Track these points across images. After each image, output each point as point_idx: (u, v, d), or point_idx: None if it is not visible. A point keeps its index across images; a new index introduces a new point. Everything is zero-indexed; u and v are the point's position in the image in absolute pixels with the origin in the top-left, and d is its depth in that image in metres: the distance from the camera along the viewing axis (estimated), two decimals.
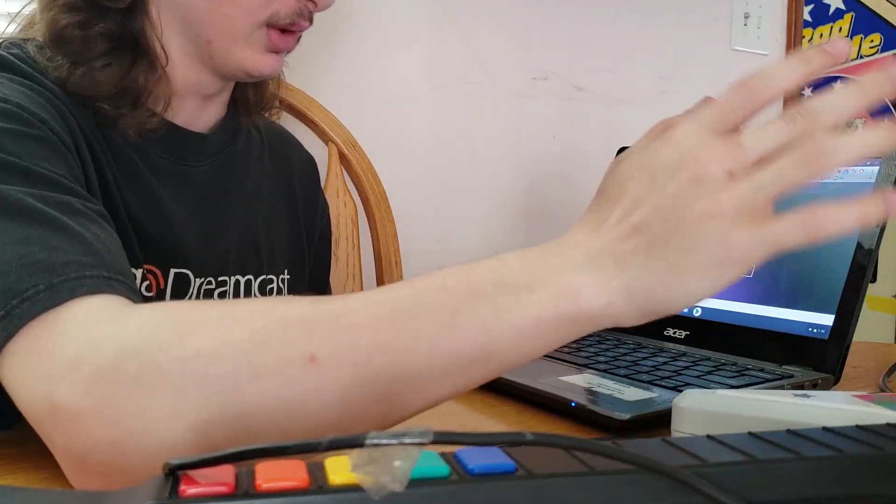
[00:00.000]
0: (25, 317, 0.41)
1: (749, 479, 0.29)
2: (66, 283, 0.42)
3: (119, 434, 0.38)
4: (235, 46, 0.64)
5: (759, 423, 0.37)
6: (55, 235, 0.45)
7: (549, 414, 0.56)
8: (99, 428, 0.38)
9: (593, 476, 0.28)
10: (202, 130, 0.71)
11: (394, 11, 1.25)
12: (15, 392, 0.41)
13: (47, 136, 0.53)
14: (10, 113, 0.52)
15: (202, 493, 0.26)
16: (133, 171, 0.64)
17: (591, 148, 1.43)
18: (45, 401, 0.39)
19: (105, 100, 0.61)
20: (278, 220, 0.79)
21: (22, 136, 0.51)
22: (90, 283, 0.42)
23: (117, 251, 0.49)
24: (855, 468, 0.31)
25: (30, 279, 0.42)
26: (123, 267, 0.47)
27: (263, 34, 0.64)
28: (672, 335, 0.75)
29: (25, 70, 0.59)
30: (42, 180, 0.49)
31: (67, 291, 0.41)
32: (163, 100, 0.66)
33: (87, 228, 0.47)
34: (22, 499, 0.28)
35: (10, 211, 0.46)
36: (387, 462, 0.25)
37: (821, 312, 0.66)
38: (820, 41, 1.74)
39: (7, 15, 0.70)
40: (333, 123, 1.07)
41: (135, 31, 0.63)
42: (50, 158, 0.51)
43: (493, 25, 1.36)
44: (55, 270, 0.42)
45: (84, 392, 0.38)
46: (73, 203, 0.49)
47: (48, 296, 0.41)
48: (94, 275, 0.43)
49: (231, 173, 0.74)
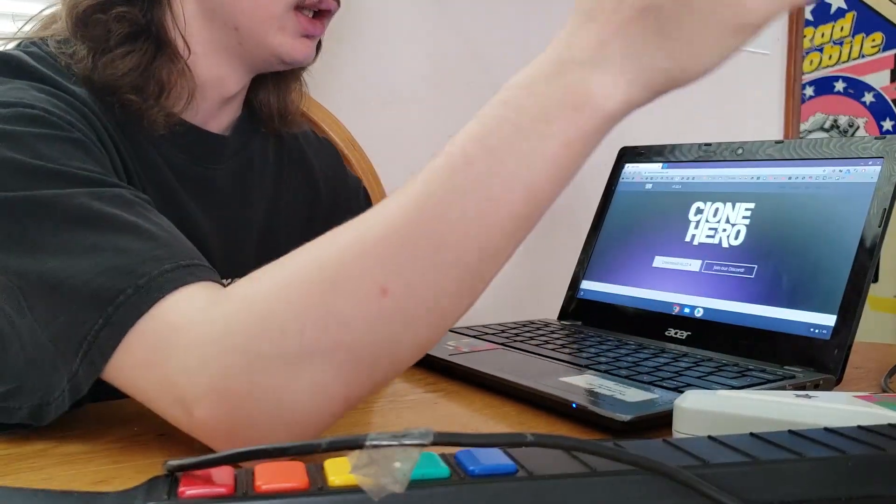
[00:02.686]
0: (127, 324, 0.42)
1: (750, 480, 0.29)
2: (151, 282, 0.42)
3: (269, 417, 0.40)
4: (267, 31, 0.64)
5: (761, 424, 0.37)
6: (121, 236, 0.45)
7: (549, 415, 0.56)
8: (241, 420, 0.40)
9: (594, 477, 0.28)
10: (219, 131, 0.70)
11: (394, 11, 1.25)
12: (145, 402, 0.43)
13: (78, 137, 0.53)
14: (38, 118, 0.52)
15: (201, 495, 0.26)
16: (156, 172, 0.64)
17: None
18: (183, 413, 0.41)
19: (132, 91, 0.60)
20: (299, 220, 0.78)
21: (55, 140, 0.51)
22: (173, 277, 0.43)
23: (178, 234, 0.49)
24: (857, 469, 0.31)
25: (114, 285, 0.43)
26: (191, 249, 0.48)
27: (294, 18, 0.64)
28: (673, 336, 0.75)
29: (45, 74, 0.58)
30: (87, 181, 0.49)
31: (156, 290, 0.42)
32: (186, 94, 0.65)
33: (146, 219, 0.48)
34: (22, 499, 0.28)
35: (70, 218, 0.46)
36: (387, 463, 0.25)
37: (822, 313, 0.66)
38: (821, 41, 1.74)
39: (12, 15, 0.70)
40: (333, 123, 1.07)
41: (155, 22, 0.62)
42: (85, 159, 0.51)
43: (493, 25, 1.36)
44: (135, 271, 0.43)
45: (218, 399, 0.40)
46: (124, 195, 0.49)
47: (139, 298, 0.42)
48: (172, 267, 0.44)
49: (249, 175, 0.73)
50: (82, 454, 0.46)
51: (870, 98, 1.68)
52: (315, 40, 0.67)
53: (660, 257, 0.80)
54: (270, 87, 0.74)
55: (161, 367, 0.42)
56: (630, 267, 0.83)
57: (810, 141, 0.74)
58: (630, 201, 0.87)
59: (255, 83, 0.73)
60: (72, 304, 0.43)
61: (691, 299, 0.75)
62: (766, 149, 0.77)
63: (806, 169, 0.72)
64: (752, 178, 0.76)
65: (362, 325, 0.39)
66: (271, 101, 0.74)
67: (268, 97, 0.74)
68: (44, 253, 0.45)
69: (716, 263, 0.75)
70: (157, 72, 0.62)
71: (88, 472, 0.43)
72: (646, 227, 0.84)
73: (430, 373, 0.68)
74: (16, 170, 0.48)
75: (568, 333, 0.79)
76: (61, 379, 0.45)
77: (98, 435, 0.49)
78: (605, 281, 0.85)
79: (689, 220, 0.80)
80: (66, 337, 0.43)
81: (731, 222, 0.76)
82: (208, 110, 0.68)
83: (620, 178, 0.89)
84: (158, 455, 0.45)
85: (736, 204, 0.76)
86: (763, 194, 0.75)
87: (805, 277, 0.68)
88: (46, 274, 0.44)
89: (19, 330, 0.47)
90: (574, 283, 0.88)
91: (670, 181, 0.84)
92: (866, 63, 1.69)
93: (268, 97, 0.74)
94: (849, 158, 0.70)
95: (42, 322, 0.45)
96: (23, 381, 0.47)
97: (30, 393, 0.47)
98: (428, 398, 0.61)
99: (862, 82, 1.69)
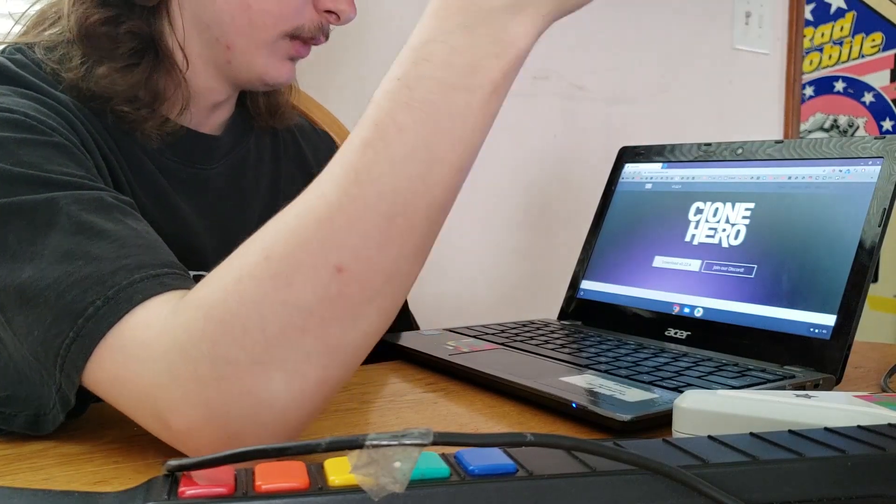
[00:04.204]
0: (96, 337, 0.42)
1: (750, 480, 0.29)
2: (120, 293, 0.42)
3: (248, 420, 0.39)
4: (257, 54, 0.64)
5: (761, 424, 0.37)
6: (94, 243, 0.45)
7: (549, 415, 0.56)
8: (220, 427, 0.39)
9: (594, 477, 0.28)
10: (211, 132, 0.71)
11: (394, 11, 1.25)
12: (127, 415, 0.43)
13: (59, 141, 0.52)
14: (18, 122, 0.51)
15: (201, 494, 0.26)
16: (146, 176, 0.64)
17: (592, 147, 1.43)
18: (162, 426, 0.41)
19: (124, 102, 0.60)
20: None
21: (35, 144, 0.51)
22: (142, 287, 0.43)
23: (154, 240, 0.49)
24: (857, 468, 0.31)
25: (84, 296, 0.42)
26: (164, 256, 0.47)
27: (286, 43, 0.65)
28: (673, 336, 0.75)
29: (29, 81, 0.58)
30: (67, 185, 0.49)
31: (125, 302, 0.42)
32: (179, 104, 0.65)
33: (123, 224, 0.48)
34: (22, 499, 0.28)
35: (46, 225, 0.46)
36: (387, 463, 0.25)
37: (822, 312, 0.66)
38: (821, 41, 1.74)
39: (7, 15, 0.69)
40: (334, 123, 1.07)
41: (156, 33, 0.63)
42: (66, 163, 0.51)
43: None
44: (105, 282, 0.43)
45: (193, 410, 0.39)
46: (104, 198, 0.49)
47: (108, 311, 0.42)
48: (142, 277, 0.43)
49: (245, 173, 0.73)
50: (82, 454, 0.46)
51: (869, 98, 1.68)
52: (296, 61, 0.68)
53: (660, 257, 0.80)
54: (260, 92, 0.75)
55: (133, 381, 0.41)
56: (630, 267, 0.83)
57: (810, 141, 0.74)
58: (630, 201, 0.87)
59: None
60: (46, 317, 0.43)
61: (691, 299, 0.75)
62: (766, 149, 0.77)
63: (806, 169, 0.72)
64: (751, 178, 0.76)
65: (323, 306, 0.38)
66: (260, 99, 0.75)
67: (256, 96, 0.75)
68: (19, 262, 0.45)
69: (716, 263, 0.75)
70: (155, 83, 0.62)
71: (88, 472, 0.43)
72: (646, 226, 0.84)
73: (430, 373, 0.68)
74: None
75: (568, 333, 0.79)
76: (51, 391, 0.45)
77: (98, 435, 0.49)
78: (605, 281, 0.85)
79: (688, 220, 0.80)
80: (44, 350, 0.43)
81: (730, 222, 0.76)
82: (200, 114, 0.69)
83: (620, 178, 0.89)
84: (158, 455, 0.45)
85: (736, 204, 0.76)
86: (763, 194, 0.75)
87: (805, 277, 0.68)
88: (22, 285, 0.44)
89: (5, 342, 0.47)
90: (574, 282, 0.88)
91: (670, 181, 0.84)
92: (866, 63, 1.69)
93: (256, 96, 0.75)
94: (848, 158, 0.70)
95: (21, 335, 0.45)
96: (15, 391, 0.48)
97: (24, 402, 0.47)
98: (428, 398, 0.61)
99: (862, 82, 1.70)
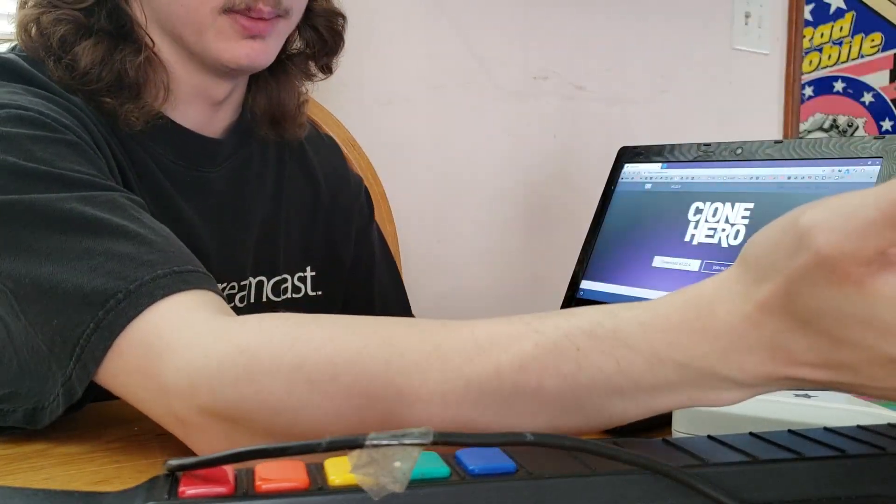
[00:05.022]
0: (117, 328, 0.42)
1: (750, 480, 0.29)
2: (142, 287, 0.42)
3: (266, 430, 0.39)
4: (205, 37, 0.61)
5: (760, 424, 0.37)
6: (114, 240, 0.45)
7: None
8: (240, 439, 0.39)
9: (594, 477, 0.28)
10: (215, 135, 0.70)
11: (394, 11, 1.25)
12: (140, 408, 0.43)
13: (72, 139, 0.53)
14: (33, 119, 0.52)
15: (201, 494, 0.26)
16: (150, 179, 0.64)
17: (591, 147, 1.43)
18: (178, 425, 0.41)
19: (106, 93, 0.60)
20: (299, 218, 0.77)
21: (49, 142, 0.51)
22: (165, 283, 0.43)
23: (173, 239, 0.49)
24: (856, 468, 0.31)
25: (106, 289, 0.42)
26: (184, 254, 0.47)
27: (228, 21, 0.60)
28: None
29: (42, 79, 0.58)
30: (81, 184, 0.49)
31: (147, 296, 0.42)
32: (162, 89, 0.64)
33: (140, 223, 0.48)
34: (22, 499, 0.28)
35: (63, 222, 0.46)
36: (387, 463, 0.25)
37: None
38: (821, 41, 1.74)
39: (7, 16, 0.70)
40: (333, 123, 1.07)
41: (116, 19, 0.62)
42: (79, 161, 0.51)
43: (493, 25, 1.36)
44: (127, 276, 0.43)
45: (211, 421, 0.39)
46: (117, 198, 0.49)
47: (130, 303, 0.42)
48: (165, 273, 0.44)
49: (247, 177, 0.73)
50: (82, 454, 0.46)
51: (869, 98, 1.68)
52: (267, 41, 0.63)
53: (659, 257, 0.80)
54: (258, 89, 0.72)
55: (153, 378, 0.41)
56: (629, 267, 0.83)
57: (809, 141, 0.74)
58: (629, 201, 0.87)
59: (249, 87, 0.72)
60: (65, 308, 0.43)
61: None
62: (766, 149, 0.77)
63: (805, 169, 0.72)
64: (751, 177, 0.76)
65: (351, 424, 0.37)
66: (261, 103, 0.72)
67: (255, 99, 0.72)
68: (37, 257, 0.45)
69: (715, 263, 0.75)
70: (123, 63, 0.61)
71: (88, 472, 0.43)
72: (645, 226, 0.84)
73: None
74: (9, 172, 0.48)
75: None
76: (55, 384, 0.45)
77: (98, 435, 0.49)
78: (605, 281, 0.85)
79: (688, 220, 0.80)
80: (61, 340, 0.43)
81: (730, 222, 0.76)
82: (200, 116, 0.68)
83: (620, 178, 0.89)
84: (158, 455, 0.45)
85: (735, 204, 0.76)
86: (762, 194, 0.75)
87: None
88: (39, 278, 0.44)
89: (13, 334, 0.47)
90: (573, 282, 0.88)
91: (669, 181, 0.84)
92: (866, 63, 1.69)
93: (255, 99, 0.72)
94: (848, 158, 0.70)
95: (36, 325, 0.45)
96: (17, 387, 0.48)
97: (24, 397, 0.47)
98: None
99: (861, 82, 1.70)
